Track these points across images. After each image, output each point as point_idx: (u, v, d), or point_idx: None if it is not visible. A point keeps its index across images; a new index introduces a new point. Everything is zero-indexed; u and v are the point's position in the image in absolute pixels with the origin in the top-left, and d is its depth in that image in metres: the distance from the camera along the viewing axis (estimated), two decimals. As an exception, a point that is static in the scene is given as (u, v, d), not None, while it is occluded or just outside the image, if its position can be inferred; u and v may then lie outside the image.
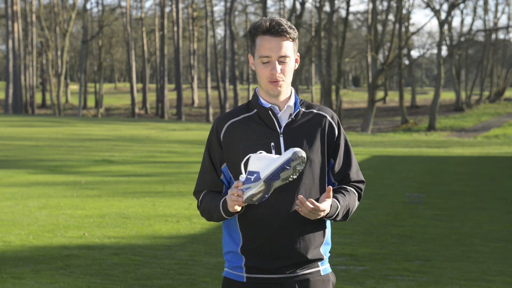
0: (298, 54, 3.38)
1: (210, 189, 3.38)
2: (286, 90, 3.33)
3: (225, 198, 3.24)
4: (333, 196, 3.29)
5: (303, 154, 3.11)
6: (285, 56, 3.27)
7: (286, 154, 3.09)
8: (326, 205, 3.19)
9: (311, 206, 3.14)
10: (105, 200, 14.23)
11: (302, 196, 3.16)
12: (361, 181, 3.44)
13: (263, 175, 3.10)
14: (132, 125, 46.85)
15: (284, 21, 3.27)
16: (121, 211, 12.81)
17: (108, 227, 11.14)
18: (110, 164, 22.41)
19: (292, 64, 3.31)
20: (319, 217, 3.20)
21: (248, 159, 3.18)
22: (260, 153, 3.17)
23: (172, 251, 9.42)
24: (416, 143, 39.20)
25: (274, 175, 3.09)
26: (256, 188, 3.11)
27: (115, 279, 7.91)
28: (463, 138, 46.53)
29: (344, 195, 3.34)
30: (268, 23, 3.26)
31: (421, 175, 20.81)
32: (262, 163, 3.12)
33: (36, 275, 7.98)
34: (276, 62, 3.26)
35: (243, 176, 3.15)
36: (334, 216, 3.28)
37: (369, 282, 8.01)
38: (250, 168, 3.14)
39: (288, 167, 3.08)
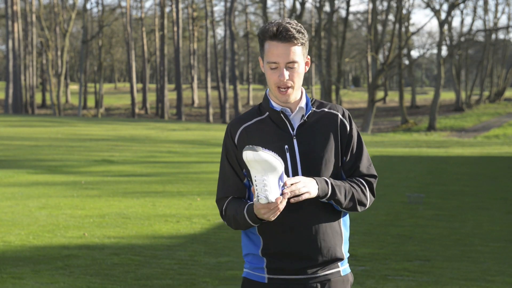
0: (309, 56, 3.34)
1: (234, 195, 3.34)
2: (296, 93, 3.31)
3: (249, 206, 3.19)
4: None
5: (249, 148, 3.06)
6: (293, 62, 3.23)
7: (256, 154, 3.05)
8: (298, 178, 3.14)
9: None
10: (105, 200, 14.23)
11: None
12: (371, 175, 3.39)
13: (280, 169, 3.09)
14: (132, 125, 46.85)
15: (292, 26, 3.22)
16: (121, 211, 12.81)
17: (108, 227, 11.13)
18: (110, 164, 22.41)
19: (301, 68, 3.28)
20: (302, 193, 3.12)
21: (265, 195, 3.09)
22: (256, 183, 3.09)
23: (172, 251, 9.42)
24: (416, 143, 39.20)
25: (277, 157, 3.11)
26: (284, 182, 3.13)
27: (115, 279, 7.91)
28: (463, 138, 46.52)
29: (345, 181, 3.32)
30: (275, 28, 3.21)
31: (421, 175, 20.81)
32: (273, 167, 3.09)
33: (36, 275, 7.98)
34: (284, 68, 3.23)
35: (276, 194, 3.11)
36: (329, 193, 3.20)
37: (369, 282, 8.01)
38: (277, 184, 3.10)
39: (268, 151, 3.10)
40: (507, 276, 8.45)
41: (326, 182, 3.22)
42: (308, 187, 3.14)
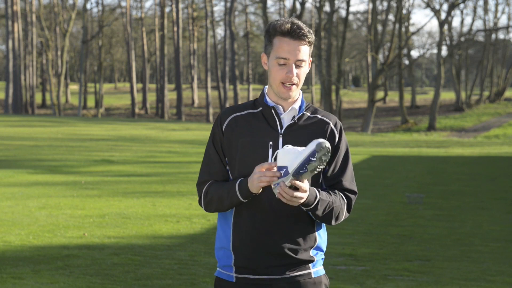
0: (311, 58, 3.39)
1: (217, 179, 3.36)
2: (296, 92, 3.34)
3: (242, 180, 3.22)
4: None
5: (327, 144, 3.09)
6: (301, 60, 3.28)
7: (311, 146, 3.09)
8: (306, 185, 3.14)
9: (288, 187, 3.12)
10: (105, 200, 14.22)
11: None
12: (352, 191, 3.39)
13: (291, 169, 3.10)
14: (132, 125, 46.85)
15: (303, 25, 3.29)
16: (121, 211, 12.81)
17: (108, 227, 11.13)
18: (110, 164, 22.41)
19: (306, 68, 3.33)
20: (300, 200, 3.13)
21: (276, 155, 3.17)
22: (287, 146, 3.16)
23: (172, 251, 9.42)
24: (416, 143, 39.20)
25: (301, 168, 3.08)
26: (286, 182, 3.11)
27: (115, 279, 7.91)
28: (463, 138, 46.53)
29: (330, 193, 3.31)
30: (289, 26, 3.27)
31: (421, 175, 20.81)
32: (289, 157, 3.13)
33: (36, 275, 7.98)
34: (293, 65, 3.27)
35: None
36: (312, 205, 3.20)
37: (369, 282, 8.01)
38: (279, 163, 3.14)
39: (313, 159, 3.08)
40: (507, 276, 8.45)
41: (315, 196, 3.21)
42: (304, 198, 3.15)
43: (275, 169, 3.13)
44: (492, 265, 9.06)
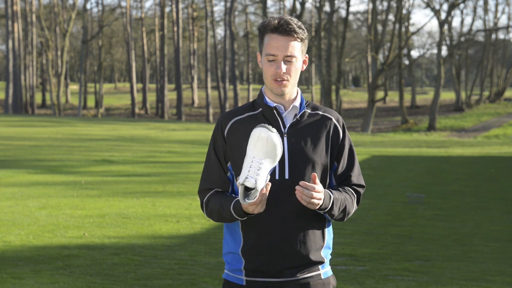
0: (307, 55, 3.35)
1: (217, 188, 3.33)
2: (292, 90, 3.31)
3: (236, 200, 3.20)
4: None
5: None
6: (291, 56, 3.25)
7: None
8: (320, 187, 3.13)
9: (306, 188, 3.10)
10: (105, 200, 14.22)
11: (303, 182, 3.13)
12: (361, 185, 3.41)
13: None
14: (132, 125, 46.84)
15: (294, 21, 3.25)
16: (121, 211, 12.81)
17: (108, 227, 11.13)
18: (110, 164, 22.40)
19: (298, 64, 3.29)
20: (316, 204, 3.12)
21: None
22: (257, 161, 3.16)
23: (172, 251, 9.42)
24: (416, 143, 39.20)
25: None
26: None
27: (115, 279, 7.91)
28: (463, 138, 46.52)
29: (340, 191, 3.31)
30: (276, 22, 3.24)
31: (421, 175, 20.80)
32: (274, 156, 3.17)
33: (36, 275, 7.98)
34: (282, 61, 3.25)
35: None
36: (328, 207, 3.21)
37: (369, 282, 8.00)
38: (268, 169, 3.18)
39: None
40: (507, 276, 8.45)
41: (330, 196, 3.21)
42: (320, 200, 3.14)
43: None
44: (492, 265, 9.06)
